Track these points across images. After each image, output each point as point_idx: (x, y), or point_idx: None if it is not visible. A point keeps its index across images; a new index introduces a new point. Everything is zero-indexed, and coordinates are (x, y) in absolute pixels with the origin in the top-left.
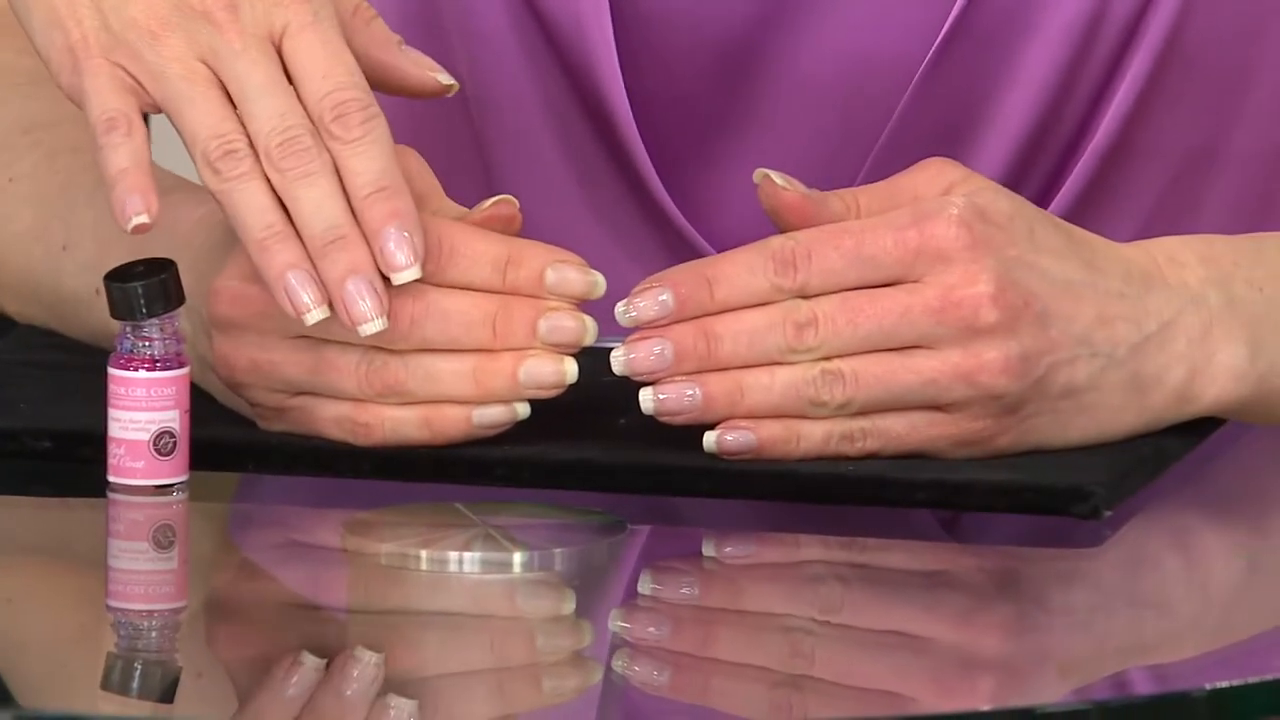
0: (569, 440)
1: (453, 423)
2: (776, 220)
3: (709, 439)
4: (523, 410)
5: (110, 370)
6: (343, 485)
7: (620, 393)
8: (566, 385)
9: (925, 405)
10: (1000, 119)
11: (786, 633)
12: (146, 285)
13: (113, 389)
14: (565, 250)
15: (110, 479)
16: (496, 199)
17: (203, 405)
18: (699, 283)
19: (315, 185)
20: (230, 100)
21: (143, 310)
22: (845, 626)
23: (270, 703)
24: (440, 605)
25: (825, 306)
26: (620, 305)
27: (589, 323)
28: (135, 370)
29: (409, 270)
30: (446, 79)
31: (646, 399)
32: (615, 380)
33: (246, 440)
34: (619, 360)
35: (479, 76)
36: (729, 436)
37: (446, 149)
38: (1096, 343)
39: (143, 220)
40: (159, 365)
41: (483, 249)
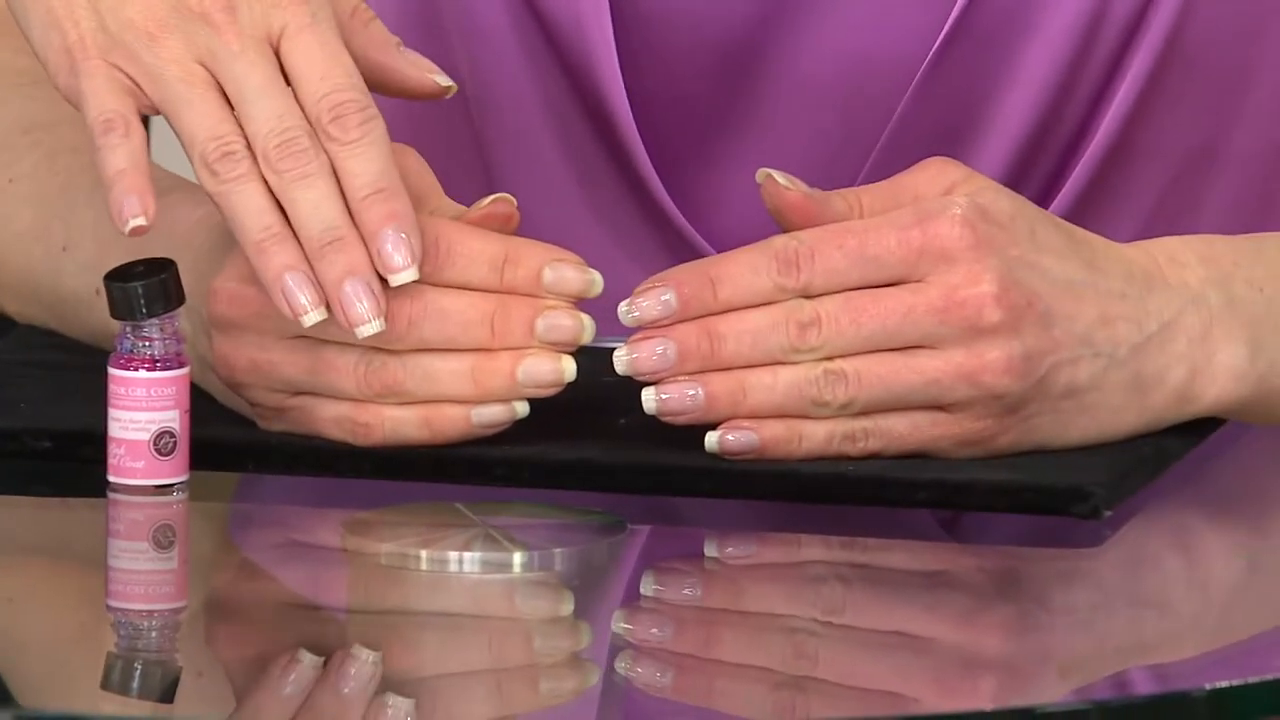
0: (569, 440)
1: (452, 422)
2: (779, 220)
3: (711, 439)
4: (521, 409)
5: (110, 370)
6: (343, 485)
7: (620, 393)
8: (565, 384)
9: (927, 405)
10: (1000, 119)
11: (789, 634)
12: (146, 285)
13: (113, 389)
14: (562, 249)
15: (110, 479)
16: (494, 197)
17: (203, 405)
18: (702, 282)
19: (313, 187)
20: (228, 102)
21: (143, 310)
22: (848, 627)
23: (267, 701)
24: (439, 605)
25: (828, 306)
26: (623, 305)
27: (587, 321)
28: (135, 370)
29: (406, 272)
30: (444, 81)
31: (649, 399)
32: (615, 380)
33: (246, 440)
34: (622, 360)
35: (479, 76)
36: (731, 436)
37: (446, 149)
38: (1098, 343)
39: (140, 222)
40: (159, 365)
41: (480, 248)
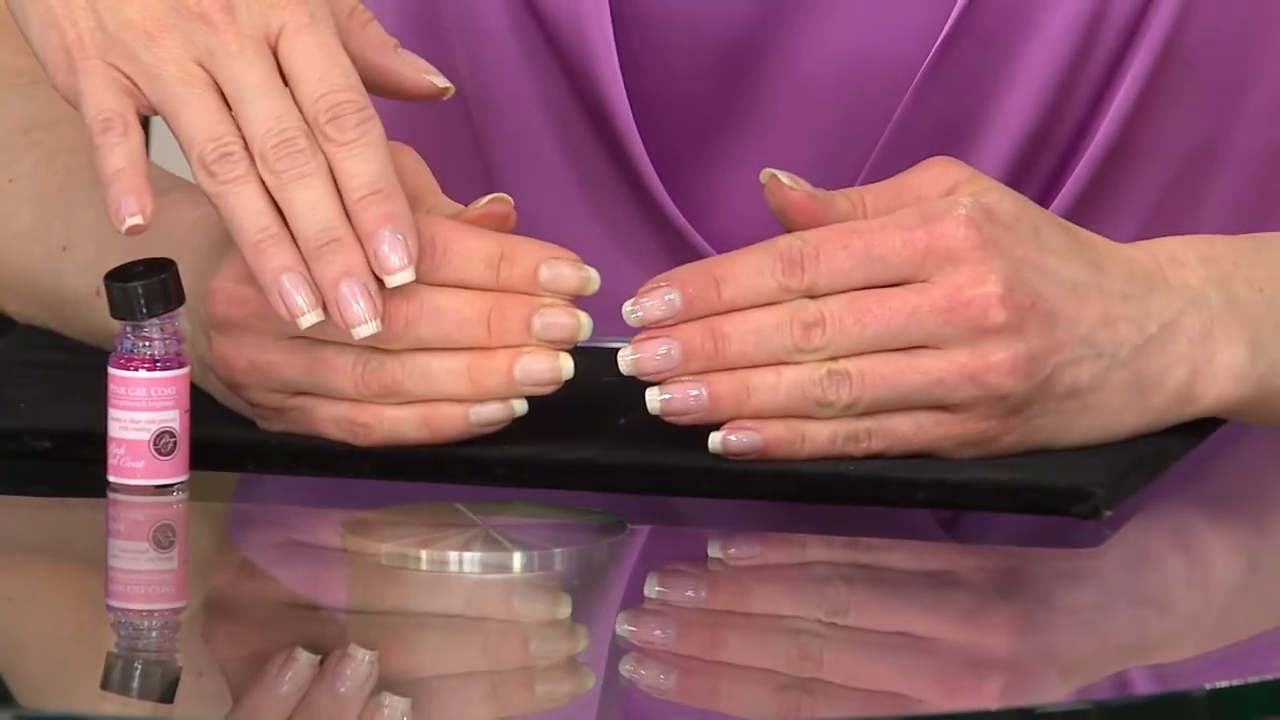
0: (569, 440)
1: (450, 421)
2: (783, 220)
3: (714, 440)
4: (520, 407)
5: (110, 370)
6: (343, 485)
7: (620, 393)
8: (562, 381)
9: (931, 405)
10: (1001, 119)
11: (793, 635)
12: (146, 285)
13: (113, 389)
14: (558, 247)
15: (110, 479)
16: (491, 197)
17: (203, 405)
18: (706, 282)
19: (310, 187)
20: (226, 102)
21: (143, 310)
22: (851, 628)
23: (263, 700)
24: (439, 605)
25: (833, 306)
26: (627, 304)
27: (584, 319)
28: (135, 370)
29: (403, 273)
30: (442, 82)
31: (653, 399)
32: (615, 380)
33: (246, 440)
34: (626, 360)
35: (479, 76)
36: (734, 437)
37: (446, 149)
38: (1100, 343)
39: (137, 221)
40: (159, 365)
41: (475, 247)
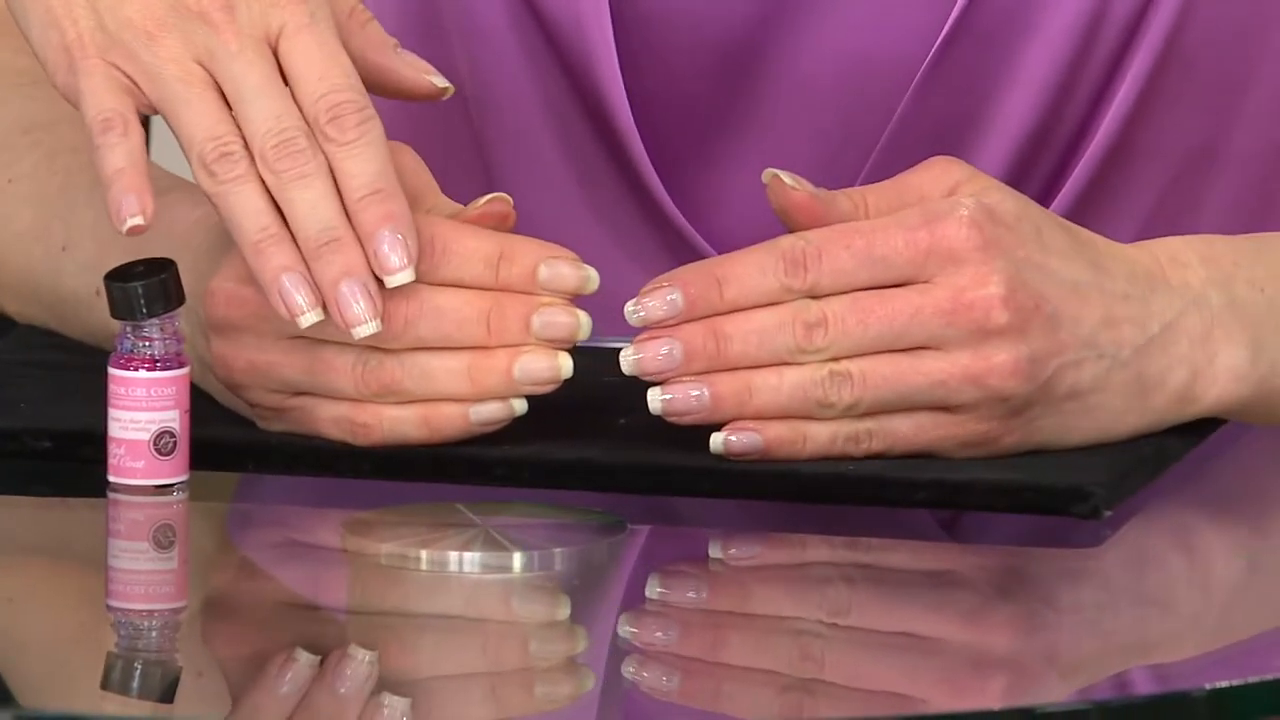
0: (569, 440)
1: (450, 420)
2: (785, 220)
3: (716, 440)
4: (519, 406)
5: (110, 370)
6: (343, 485)
7: (620, 393)
8: (561, 380)
9: (932, 406)
10: (1000, 119)
11: (795, 636)
12: (146, 285)
13: (113, 389)
14: (557, 245)
15: (110, 479)
16: (490, 197)
17: (203, 405)
18: (709, 282)
19: (310, 187)
20: (226, 101)
21: (143, 310)
22: (853, 628)
23: (263, 700)
24: (438, 606)
25: (835, 307)
26: (629, 304)
27: (583, 318)
28: (135, 370)
29: (403, 273)
30: (441, 82)
31: (654, 399)
32: (615, 380)
33: (246, 440)
34: (628, 360)
35: (479, 76)
36: (735, 438)
37: (446, 149)
38: (1102, 344)
39: (138, 221)
40: (159, 365)
41: (474, 246)
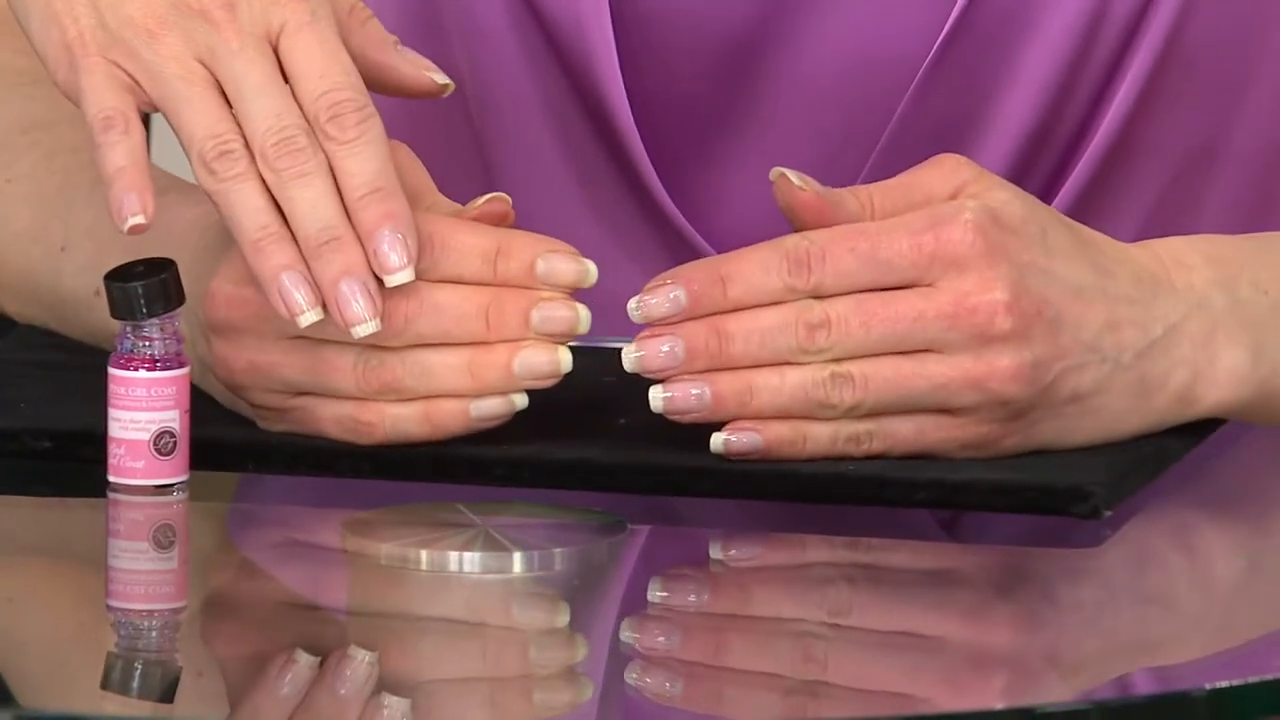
0: (569, 440)
1: (451, 416)
2: (791, 219)
3: (716, 440)
4: (520, 401)
5: (110, 370)
6: (343, 485)
7: (621, 393)
8: (562, 374)
9: (933, 409)
10: (1001, 119)
11: (797, 637)
12: (146, 285)
13: (113, 389)
14: (555, 240)
15: (110, 479)
16: (489, 197)
17: (203, 405)
18: (712, 280)
19: (310, 186)
20: (227, 100)
21: (143, 310)
22: (854, 629)
23: (263, 700)
24: (439, 606)
25: (838, 308)
26: (632, 301)
27: (582, 311)
28: (135, 370)
29: (402, 272)
30: (442, 79)
31: (655, 397)
32: (616, 380)
33: (246, 440)
34: (629, 357)
35: (479, 76)
36: (735, 438)
37: (446, 149)
38: (1105, 348)
39: (139, 220)
40: (159, 365)
41: (472, 242)
